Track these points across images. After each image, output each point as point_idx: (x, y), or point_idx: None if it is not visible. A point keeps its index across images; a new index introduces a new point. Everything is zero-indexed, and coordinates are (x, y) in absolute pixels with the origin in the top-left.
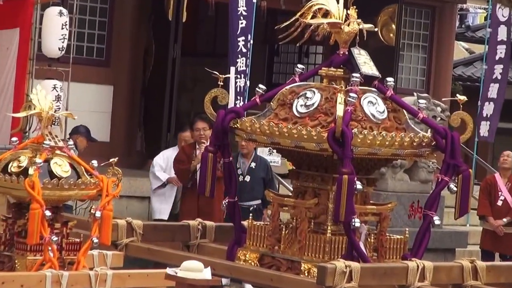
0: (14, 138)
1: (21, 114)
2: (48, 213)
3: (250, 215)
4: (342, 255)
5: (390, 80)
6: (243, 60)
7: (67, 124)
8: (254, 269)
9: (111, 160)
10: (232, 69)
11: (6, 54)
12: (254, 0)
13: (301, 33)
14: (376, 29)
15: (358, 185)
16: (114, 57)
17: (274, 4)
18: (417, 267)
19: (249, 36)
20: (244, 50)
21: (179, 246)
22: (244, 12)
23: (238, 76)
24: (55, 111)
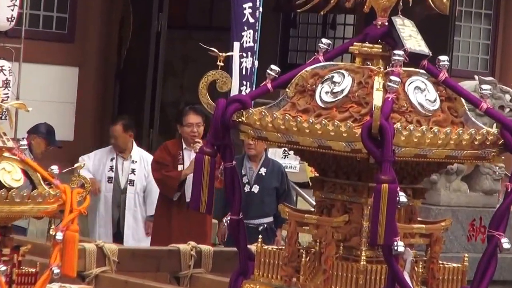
0: None
1: None
2: None
3: (259, 237)
4: None
5: (443, 59)
6: (250, 33)
7: (17, 118)
8: None
9: (76, 165)
10: (236, 45)
11: None
12: None
13: None
14: None
15: (402, 197)
16: (79, 30)
17: None
18: None
19: (257, 2)
20: (251, 20)
21: (166, 278)
22: None
23: (244, 55)
24: (2, 100)
